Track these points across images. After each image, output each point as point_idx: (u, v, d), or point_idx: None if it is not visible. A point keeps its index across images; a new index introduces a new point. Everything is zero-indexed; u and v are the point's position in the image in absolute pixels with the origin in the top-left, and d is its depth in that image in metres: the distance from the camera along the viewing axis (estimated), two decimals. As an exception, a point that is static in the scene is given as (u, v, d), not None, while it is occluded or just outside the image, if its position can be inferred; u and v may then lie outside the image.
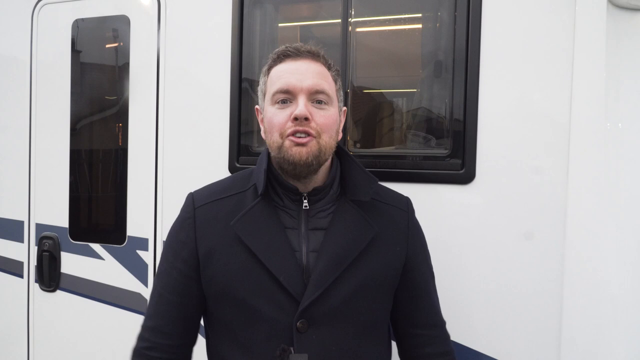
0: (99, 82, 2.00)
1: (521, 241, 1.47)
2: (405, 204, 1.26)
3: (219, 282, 1.11)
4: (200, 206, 1.17)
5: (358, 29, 1.69)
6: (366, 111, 1.74)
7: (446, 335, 1.27)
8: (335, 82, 1.17)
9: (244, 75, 1.75)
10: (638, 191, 1.44)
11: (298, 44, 1.16)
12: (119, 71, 1.93)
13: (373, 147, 1.71)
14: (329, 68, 1.15)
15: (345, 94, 1.62)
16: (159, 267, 1.24)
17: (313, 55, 1.14)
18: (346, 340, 1.09)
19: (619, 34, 1.45)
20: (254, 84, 1.72)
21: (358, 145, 1.71)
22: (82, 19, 1.97)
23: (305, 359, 1.04)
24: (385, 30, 1.72)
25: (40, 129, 2.06)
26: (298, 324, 1.05)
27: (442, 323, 1.27)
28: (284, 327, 1.06)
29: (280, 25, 1.88)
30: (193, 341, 1.20)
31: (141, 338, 1.17)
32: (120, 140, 1.94)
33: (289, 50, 1.13)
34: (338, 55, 1.65)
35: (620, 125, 1.44)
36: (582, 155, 1.41)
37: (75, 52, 1.99)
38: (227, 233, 1.12)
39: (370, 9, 1.69)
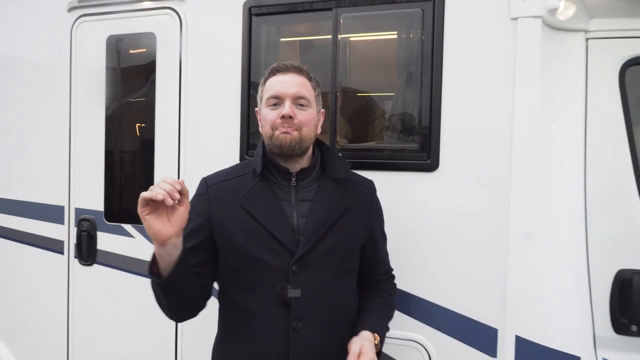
0: (130, 88, 2.37)
1: (474, 215, 1.83)
2: (370, 185, 1.64)
3: (230, 239, 1.47)
4: (211, 185, 1.54)
5: (345, 44, 2.05)
6: (352, 111, 2.09)
7: (392, 277, 1.74)
8: (314, 90, 1.53)
9: (252, 82, 2.11)
10: (565, 173, 1.79)
11: (287, 62, 1.53)
12: (146, 79, 2.30)
13: (358, 142, 2.08)
14: (309, 79, 1.52)
15: (335, 97, 1.99)
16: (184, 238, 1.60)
17: (297, 70, 1.51)
18: (327, 280, 1.47)
19: (552, 50, 1.81)
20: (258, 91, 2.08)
21: (345, 140, 2.07)
22: (115, 35, 2.34)
23: (298, 293, 1.41)
24: (367, 45, 2.09)
25: (79, 127, 2.43)
26: (293, 268, 1.42)
27: (391, 271, 1.72)
28: (281, 271, 1.42)
29: (282, 40, 2.25)
30: (210, 279, 1.56)
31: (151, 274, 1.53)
32: (147, 137, 2.30)
33: (280, 67, 1.51)
34: (329, 64, 2.02)
35: (553, 128, 1.80)
36: (522, 148, 1.76)
37: (108, 62, 2.36)
38: (233, 205, 1.48)
39: (354, 28, 2.04)
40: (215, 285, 1.59)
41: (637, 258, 1.76)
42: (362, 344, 1.39)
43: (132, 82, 2.37)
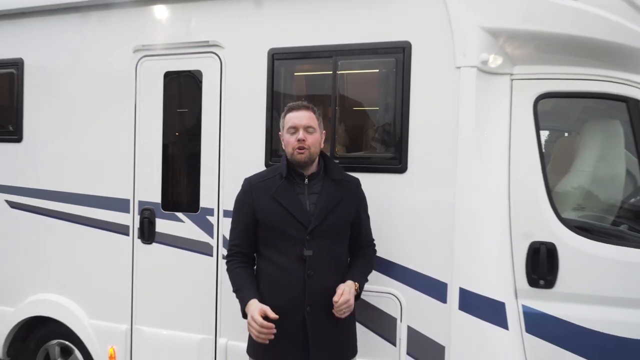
0: (182, 112, 3.16)
1: (432, 202, 2.61)
2: (357, 182, 2.43)
3: (266, 219, 2.26)
4: (253, 184, 2.35)
5: (341, 78, 2.83)
6: (346, 128, 2.88)
7: (374, 245, 2.50)
8: (318, 119, 2.32)
9: (274, 108, 2.89)
10: (496, 177, 2.58)
11: (299, 102, 2.32)
12: (195, 104, 3.08)
13: (350, 151, 2.87)
14: (314, 112, 2.31)
15: (334, 117, 2.77)
16: (233, 217, 2.40)
17: (306, 107, 2.30)
18: (328, 244, 2.26)
19: (486, 88, 2.58)
20: (279, 113, 2.85)
21: (342, 149, 2.85)
22: (170, 71, 3.13)
23: (310, 253, 2.20)
24: (357, 80, 2.87)
25: (141, 140, 3.21)
26: (307, 237, 2.21)
27: (372, 240, 2.50)
28: (299, 239, 2.22)
29: (295, 74, 3.03)
30: (253, 251, 2.36)
31: (230, 250, 2.34)
32: (195, 147, 3.08)
33: (294, 106, 2.31)
34: (330, 94, 2.79)
35: (486, 138, 2.58)
36: (465, 154, 2.54)
37: (165, 91, 3.14)
38: (268, 197, 2.27)
39: (348, 68, 2.82)
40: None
41: (541, 234, 2.53)
42: (344, 288, 2.20)
43: (183, 105, 3.16)
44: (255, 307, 2.14)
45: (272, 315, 2.11)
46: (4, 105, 3.61)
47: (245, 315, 2.23)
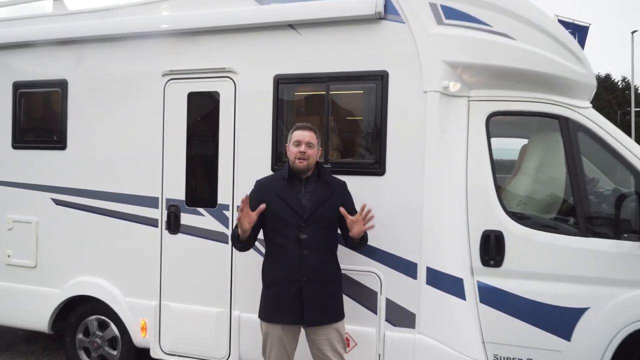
0: (201, 124, 3.83)
1: (405, 199, 3.28)
2: (343, 184, 3.10)
3: (272, 210, 2.92)
4: (262, 184, 3.02)
5: (333, 97, 3.50)
6: (337, 139, 3.55)
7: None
8: (317, 138, 2.99)
9: (279, 122, 3.56)
10: (455, 181, 3.25)
11: (305, 124, 2.99)
12: (213, 118, 3.75)
13: (341, 157, 3.55)
14: (315, 133, 2.98)
15: (327, 130, 3.44)
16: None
17: (310, 129, 2.97)
18: (320, 231, 2.92)
19: (448, 109, 3.25)
20: (283, 127, 3.53)
21: (334, 156, 3.52)
22: (193, 92, 3.81)
23: (306, 236, 2.86)
24: (345, 99, 3.55)
25: (169, 148, 3.87)
26: (303, 224, 2.88)
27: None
28: (297, 226, 2.88)
29: (296, 94, 3.70)
30: (255, 234, 3.01)
31: (234, 231, 3.01)
32: (213, 155, 3.75)
33: (300, 126, 2.98)
34: (324, 111, 3.46)
35: (447, 154, 3.24)
36: (431, 160, 3.21)
37: (189, 109, 3.82)
38: (273, 194, 2.94)
39: (338, 89, 3.49)
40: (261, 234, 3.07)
41: (491, 224, 3.20)
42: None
43: (203, 120, 3.84)
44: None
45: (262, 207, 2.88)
46: (51, 118, 4.30)
47: (239, 236, 2.93)
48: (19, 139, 4.38)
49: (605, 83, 40.90)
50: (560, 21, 14.13)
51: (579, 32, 12.87)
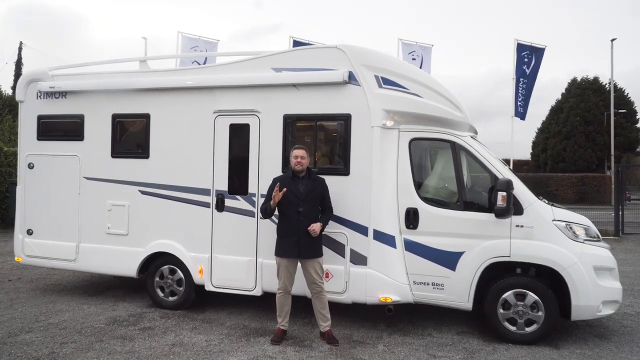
0: (237, 145, 6.13)
1: (361, 191, 5.60)
2: (323, 180, 5.41)
3: (284, 195, 5.21)
4: (278, 180, 5.34)
5: (318, 128, 5.80)
6: (321, 152, 5.86)
7: (332, 210, 5.48)
8: (307, 152, 5.29)
9: (285, 143, 5.85)
10: (390, 175, 5.56)
11: (300, 145, 5.33)
12: (244, 140, 6.04)
13: (322, 164, 5.86)
14: (305, 150, 5.29)
15: (315, 146, 5.74)
16: (266, 195, 5.37)
17: (303, 148, 5.29)
18: (311, 207, 5.25)
19: (387, 138, 5.54)
20: (288, 145, 5.82)
21: (320, 163, 5.82)
22: (233, 123, 6.11)
23: (302, 209, 5.16)
24: (326, 130, 5.85)
25: (217, 158, 6.15)
26: (301, 202, 5.19)
27: (332, 208, 5.49)
28: (297, 203, 5.19)
29: (297, 125, 5.99)
30: (275, 208, 5.32)
31: (264, 206, 5.34)
32: (245, 161, 6.05)
33: (297, 146, 5.31)
34: (313, 135, 5.76)
35: (385, 164, 5.54)
36: (376, 168, 5.50)
37: (230, 136, 6.12)
38: (283, 185, 5.24)
39: (322, 123, 5.80)
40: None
41: (411, 204, 5.50)
42: (315, 224, 5.17)
43: (239, 140, 6.13)
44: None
45: (284, 190, 5.14)
46: (138, 138, 6.61)
47: (268, 208, 5.25)
48: (117, 151, 6.70)
49: (593, 86, 42.57)
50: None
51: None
